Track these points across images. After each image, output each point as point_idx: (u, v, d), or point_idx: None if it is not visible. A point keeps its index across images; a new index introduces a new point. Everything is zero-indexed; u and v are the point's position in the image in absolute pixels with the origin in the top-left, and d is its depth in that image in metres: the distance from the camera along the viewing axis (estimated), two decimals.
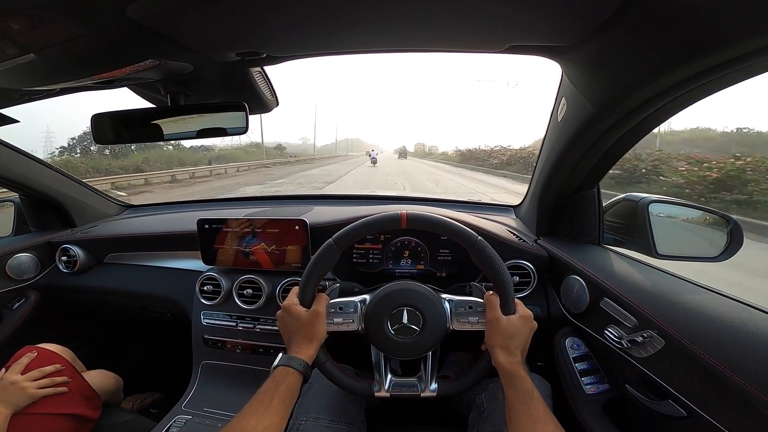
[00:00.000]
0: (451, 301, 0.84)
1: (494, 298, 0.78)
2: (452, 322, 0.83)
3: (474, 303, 0.83)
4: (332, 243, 0.82)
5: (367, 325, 0.83)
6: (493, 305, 0.77)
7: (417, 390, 0.83)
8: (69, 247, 1.44)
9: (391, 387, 0.83)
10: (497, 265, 0.78)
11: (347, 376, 0.84)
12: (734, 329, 0.64)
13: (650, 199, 1.00)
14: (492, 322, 0.76)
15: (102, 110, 0.94)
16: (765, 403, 0.54)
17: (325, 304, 0.81)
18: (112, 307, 1.56)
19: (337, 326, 0.83)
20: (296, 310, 0.79)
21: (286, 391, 0.69)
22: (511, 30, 0.68)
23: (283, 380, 0.70)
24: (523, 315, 0.77)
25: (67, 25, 0.57)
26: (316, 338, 0.78)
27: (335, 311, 0.83)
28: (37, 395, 0.99)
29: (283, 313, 0.81)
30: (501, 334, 0.74)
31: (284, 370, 0.72)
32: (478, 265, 0.81)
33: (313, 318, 0.78)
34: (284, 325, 0.81)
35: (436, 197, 1.78)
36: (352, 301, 0.85)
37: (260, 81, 0.98)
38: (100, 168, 18.77)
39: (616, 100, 0.74)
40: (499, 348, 0.74)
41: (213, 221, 1.22)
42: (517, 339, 0.74)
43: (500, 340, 0.74)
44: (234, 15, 0.62)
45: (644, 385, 0.80)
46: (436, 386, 0.83)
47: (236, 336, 1.23)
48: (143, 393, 1.53)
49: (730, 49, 0.52)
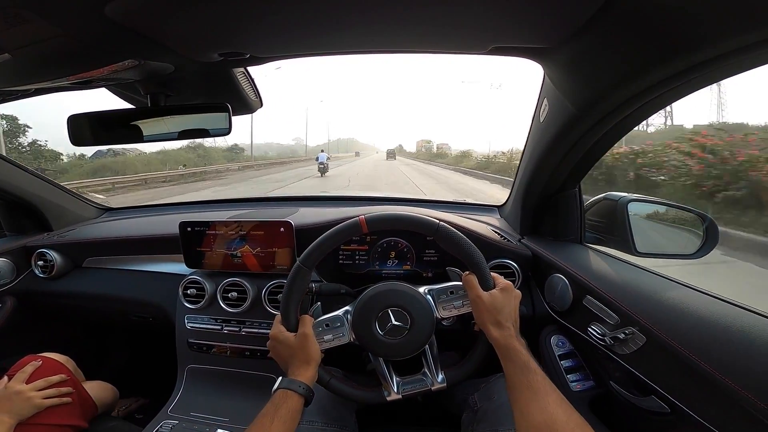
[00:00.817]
0: (432, 291, 0.85)
1: (471, 278, 0.78)
2: (438, 311, 0.83)
3: (454, 287, 0.84)
4: (300, 265, 0.82)
5: (358, 334, 0.83)
6: (472, 284, 0.77)
7: (426, 384, 0.83)
8: (45, 252, 1.40)
9: (401, 388, 0.83)
10: (466, 245, 0.79)
11: (355, 388, 0.83)
12: (712, 325, 0.66)
13: (629, 198, 1.02)
14: (476, 301, 0.76)
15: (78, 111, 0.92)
16: (745, 397, 0.55)
17: (311, 325, 0.81)
18: (92, 312, 1.52)
19: (329, 343, 0.82)
20: (285, 336, 0.79)
21: (286, 414, 0.68)
22: (494, 31, 0.69)
23: (283, 403, 0.69)
24: (503, 287, 0.77)
25: (42, 24, 0.56)
26: (312, 359, 0.78)
27: (323, 329, 0.83)
28: (42, 405, 0.98)
29: (273, 342, 0.81)
30: (488, 310, 0.74)
31: (284, 393, 0.71)
32: (447, 251, 0.82)
33: (303, 341, 0.78)
34: (278, 354, 0.81)
35: (421, 198, 1.79)
36: (336, 315, 0.85)
37: (243, 82, 0.97)
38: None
39: (596, 101, 0.76)
40: (491, 324, 0.74)
41: (196, 224, 1.20)
42: (505, 311, 0.74)
43: (489, 316, 0.74)
44: (217, 15, 0.61)
45: (628, 382, 0.81)
46: (443, 377, 0.83)
47: (222, 339, 1.22)
48: (128, 398, 1.49)
49: (706, 51, 0.53)
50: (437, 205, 1.62)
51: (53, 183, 1.59)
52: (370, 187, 13.98)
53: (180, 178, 18.69)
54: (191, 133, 0.94)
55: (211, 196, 2.79)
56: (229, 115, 0.90)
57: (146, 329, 1.58)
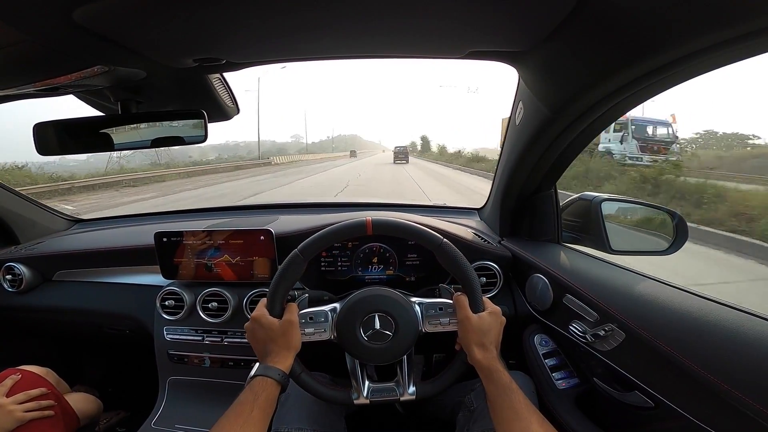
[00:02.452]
0: (422, 304, 0.85)
1: (463, 298, 0.79)
2: (424, 325, 0.83)
3: (444, 305, 0.84)
4: (298, 253, 0.81)
5: (340, 334, 0.82)
6: (462, 305, 0.78)
7: (396, 394, 0.83)
8: (13, 265, 1.34)
9: (370, 393, 0.83)
10: (463, 265, 0.80)
11: (324, 385, 0.82)
12: (687, 319, 0.68)
13: (602, 197, 1.05)
14: (463, 322, 0.77)
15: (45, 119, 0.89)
16: (724, 389, 0.56)
17: (296, 314, 0.79)
18: (65, 325, 1.47)
19: (308, 336, 0.81)
20: (268, 320, 0.77)
21: (265, 402, 0.67)
22: (470, 36, 0.70)
23: (263, 391, 0.68)
24: (492, 311, 0.78)
25: (5, 29, 0.53)
26: (292, 347, 0.77)
27: (306, 321, 0.82)
28: (24, 419, 0.96)
29: (253, 324, 0.78)
30: (474, 331, 0.75)
31: (263, 381, 0.70)
32: (444, 267, 0.82)
33: (286, 327, 0.77)
34: (255, 337, 0.78)
35: (401, 202, 1.79)
36: (322, 310, 0.84)
37: (219, 88, 0.96)
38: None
39: (568, 102, 0.78)
40: (475, 345, 0.75)
41: (172, 234, 1.17)
42: (489, 335, 0.76)
43: (474, 338, 0.75)
44: (191, 20, 0.60)
45: (611, 378, 0.83)
46: (414, 389, 0.83)
47: (203, 350, 1.19)
48: (108, 412, 1.44)
49: (673, 51, 0.55)
50: (418, 209, 1.63)
51: (20, 194, 1.52)
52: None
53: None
54: (165, 141, 0.92)
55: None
56: (204, 121, 0.88)
57: (123, 342, 1.53)
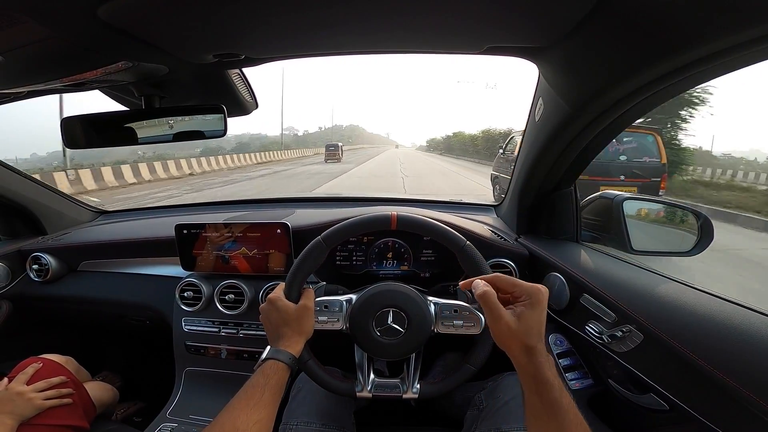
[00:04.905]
0: (437, 304, 0.84)
1: (489, 290, 0.59)
2: (437, 325, 0.83)
3: (459, 307, 0.82)
4: (321, 241, 0.82)
5: (352, 325, 0.83)
6: (490, 301, 0.58)
7: (399, 391, 0.83)
8: (40, 256, 1.39)
9: (374, 388, 0.84)
10: (485, 272, 0.79)
11: (329, 375, 0.83)
12: (708, 322, 0.66)
13: (624, 196, 1.03)
14: (496, 321, 0.57)
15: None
16: (743, 394, 0.55)
17: (313, 299, 0.80)
18: (88, 315, 1.51)
19: (321, 324, 0.82)
20: (284, 303, 0.77)
21: (276, 385, 0.67)
22: (489, 31, 0.69)
23: (274, 374, 0.68)
24: (531, 301, 0.58)
25: (34, 27, 0.55)
26: (304, 333, 0.77)
27: (320, 309, 0.82)
28: (43, 406, 0.99)
29: (269, 306, 0.78)
30: (513, 335, 0.56)
31: (274, 364, 0.69)
32: (464, 269, 0.82)
33: (302, 312, 0.77)
34: (269, 319, 0.78)
35: (418, 198, 1.79)
36: (337, 299, 0.85)
37: (239, 83, 0.97)
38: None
39: (590, 100, 0.76)
40: (517, 349, 0.56)
41: (192, 226, 1.19)
42: (533, 331, 0.56)
43: (515, 342, 0.56)
44: (211, 17, 0.61)
45: (626, 379, 0.81)
46: (418, 388, 0.83)
47: (220, 342, 1.21)
48: (125, 402, 1.49)
49: (699, 49, 0.54)
50: (434, 205, 1.62)
51: (47, 186, 1.57)
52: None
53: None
54: (186, 135, 0.93)
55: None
56: (224, 116, 0.89)
57: (143, 332, 1.57)
